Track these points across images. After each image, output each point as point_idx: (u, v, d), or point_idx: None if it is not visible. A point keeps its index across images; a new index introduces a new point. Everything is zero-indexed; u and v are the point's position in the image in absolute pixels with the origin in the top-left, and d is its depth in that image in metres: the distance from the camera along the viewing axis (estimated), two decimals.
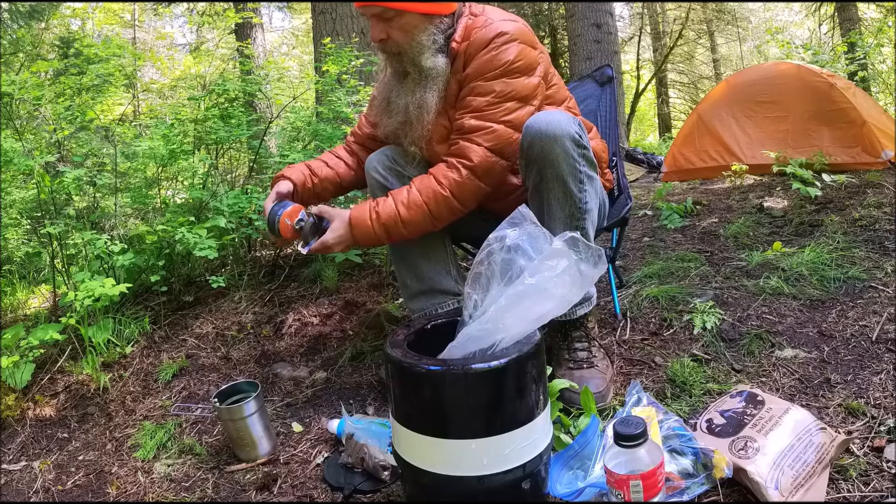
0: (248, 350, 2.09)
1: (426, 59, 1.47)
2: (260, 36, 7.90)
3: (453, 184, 1.45)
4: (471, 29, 1.48)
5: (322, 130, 2.66)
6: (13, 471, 1.65)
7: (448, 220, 1.51)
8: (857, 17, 9.00)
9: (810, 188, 2.75)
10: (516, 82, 1.43)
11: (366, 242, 1.51)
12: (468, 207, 1.50)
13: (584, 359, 1.53)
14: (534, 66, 1.46)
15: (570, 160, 1.38)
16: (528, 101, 1.46)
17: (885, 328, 1.56)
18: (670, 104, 14.86)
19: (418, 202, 1.46)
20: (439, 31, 1.47)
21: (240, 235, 2.46)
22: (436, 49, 1.47)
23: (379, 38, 1.47)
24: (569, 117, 1.39)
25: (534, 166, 1.41)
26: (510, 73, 1.43)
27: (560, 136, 1.36)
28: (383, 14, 1.44)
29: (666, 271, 2.16)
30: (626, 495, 1.01)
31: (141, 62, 4.98)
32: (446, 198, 1.46)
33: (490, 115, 1.44)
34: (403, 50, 1.48)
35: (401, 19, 1.44)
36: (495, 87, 1.43)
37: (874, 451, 1.15)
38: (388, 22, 1.45)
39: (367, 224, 1.47)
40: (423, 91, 1.50)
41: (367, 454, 1.34)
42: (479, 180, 1.46)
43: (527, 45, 1.46)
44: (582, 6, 6.24)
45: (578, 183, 1.41)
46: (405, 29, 1.45)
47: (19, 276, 3.02)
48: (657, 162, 5.51)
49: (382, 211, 1.47)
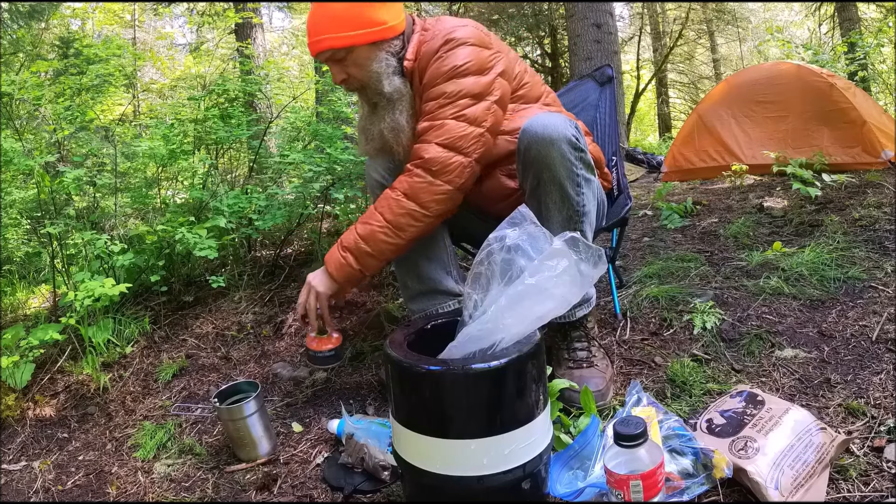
0: (248, 350, 2.09)
1: (385, 85, 1.49)
2: (260, 36, 7.89)
3: (405, 185, 1.44)
4: (421, 44, 1.50)
5: (322, 130, 2.66)
6: (13, 471, 1.65)
7: (411, 228, 1.45)
8: (857, 17, 8.99)
9: (810, 188, 2.74)
10: (465, 81, 1.43)
11: (341, 275, 1.50)
12: (432, 210, 1.45)
13: (583, 358, 1.53)
14: (486, 66, 1.46)
15: (567, 163, 1.37)
16: (483, 98, 1.45)
17: (885, 328, 1.56)
18: (670, 104, 14.85)
19: (372, 213, 1.47)
20: (391, 54, 1.50)
21: (240, 235, 2.46)
22: (391, 73, 1.50)
23: (340, 79, 1.51)
24: (566, 120, 1.39)
25: (531, 170, 1.40)
26: (458, 74, 1.43)
27: (557, 140, 1.35)
28: (334, 56, 1.47)
29: (666, 271, 2.16)
30: (626, 495, 1.01)
31: (141, 62, 4.99)
32: (398, 200, 1.44)
33: (439, 113, 1.44)
34: (364, 83, 1.51)
35: (352, 56, 1.47)
36: (445, 89, 1.43)
37: (874, 451, 1.15)
38: (342, 62, 1.48)
39: (334, 254, 1.49)
40: (392, 114, 1.52)
41: (367, 454, 1.34)
42: (434, 177, 1.42)
43: (478, 46, 1.46)
44: (582, 6, 6.23)
45: (576, 186, 1.41)
46: (358, 63, 1.48)
47: (19, 276, 3.02)
48: (657, 162, 5.51)
49: (345, 237, 1.48)
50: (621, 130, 6.73)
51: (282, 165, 2.62)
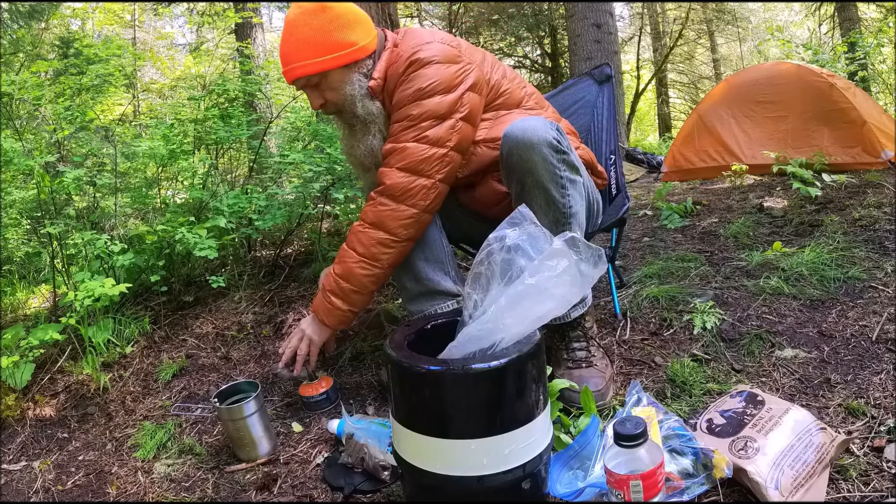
0: (248, 350, 2.09)
1: (359, 108, 1.50)
2: (260, 36, 7.89)
3: (370, 215, 1.46)
4: (389, 65, 1.50)
5: (322, 130, 2.67)
6: (13, 471, 1.65)
7: (385, 256, 1.47)
8: (857, 17, 8.99)
9: (810, 188, 2.74)
10: (429, 102, 1.43)
11: (332, 320, 1.54)
12: (401, 235, 1.46)
13: (582, 358, 1.53)
14: (454, 83, 1.45)
15: (550, 166, 1.37)
16: (448, 117, 1.44)
17: (885, 328, 1.56)
18: (670, 104, 14.85)
19: (345, 251, 1.49)
20: (363, 75, 1.50)
21: (240, 235, 2.46)
22: (363, 95, 1.50)
23: (318, 104, 1.51)
24: (546, 123, 1.38)
25: (514, 175, 1.40)
26: (423, 96, 1.43)
27: (537, 144, 1.35)
28: (309, 82, 1.48)
29: (666, 271, 2.16)
30: (626, 495, 1.01)
31: (141, 62, 4.99)
32: (365, 231, 1.46)
33: (401, 136, 1.45)
34: (340, 107, 1.52)
35: (326, 80, 1.47)
36: (410, 112, 1.44)
37: (874, 451, 1.15)
38: (318, 87, 1.49)
39: (320, 302, 1.53)
40: (369, 138, 1.54)
41: (367, 454, 1.34)
42: (398, 203, 1.44)
43: (444, 63, 1.45)
44: (582, 6, 6.23)
45: (560, 188, 1.40)
46: (333, 87, 1.48)
47: (19, 276, 3.02)
48: (657, 162, 5.51)
49: (325, 282, 1.51)
50: (621, 130, 6.74)
51: (282, 165, 2.62)
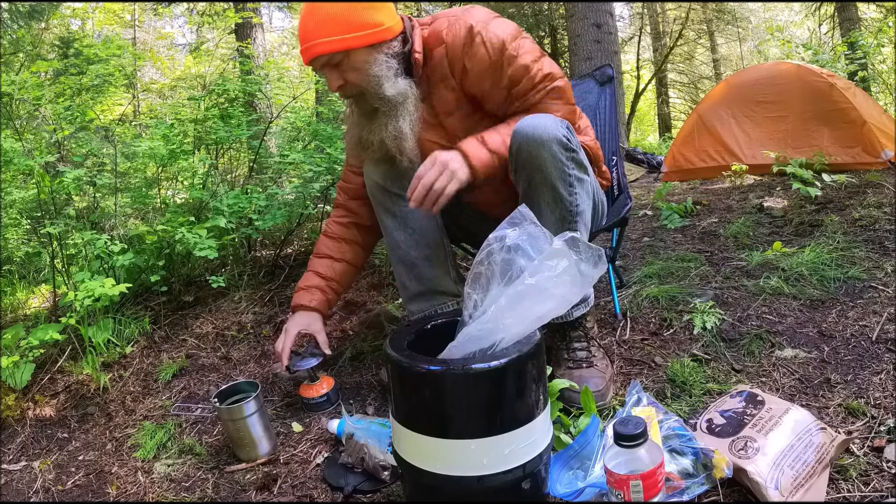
0: (248, 350, 2.09)
1: (388, 89, 1.44)
2: (260, 36, 7.89)
3: None
4: (433, 37, 1.47)
5: (322, 130, 2.67)
6: (13, 471, 1.65)
7: None
8: (857, 17, 8.99)
9: (810, 188, 2.74)
10: (527, 41, 1.46)
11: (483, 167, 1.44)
12: None
13: (583, 358, 1.53)
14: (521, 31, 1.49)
15: (558, 164, 1.37)
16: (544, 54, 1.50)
17: (885, 328, 1.56)
18: (670, 104, 14.86)
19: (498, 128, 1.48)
20: (391, 56, 1.44)
21: (240, 235, 2.46)
22: (393, 75, 1.45)
23: (337, 85, 1.45)
24: (556, 120, 1.38)
25: (522, 172, 1.40)
26: (516, 38, 1.44)
27: (547, 141, 1.34)
28: (331, 61, 1.41)
29: (666, 271, 2.16)
30: (626, 495, 1.01)
31: (141, 62, 4.99)
32: None
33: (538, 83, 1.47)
34: (364, 89, 1.46)
35: (349, 60, 1.41)
36: (525, 61, 1.44)
37: (874, 451, 1.15)
38: (338, 67, 1.43)
39: (477, 149, 1.43)
40: (395, 122, 1.47)
41: (367, 454, 1.34)
42: None
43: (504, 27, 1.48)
44: (582, 6, 6.23)
45: (568, 186, 1.40)
46: (357, 68, 1.42)
47: (19, 276, 3.02)
48: (657, 162, 5.51)
49: (490, 141, 1.44)
50: (621, 130, 6.73)
51: (282, 165, 2.62)
